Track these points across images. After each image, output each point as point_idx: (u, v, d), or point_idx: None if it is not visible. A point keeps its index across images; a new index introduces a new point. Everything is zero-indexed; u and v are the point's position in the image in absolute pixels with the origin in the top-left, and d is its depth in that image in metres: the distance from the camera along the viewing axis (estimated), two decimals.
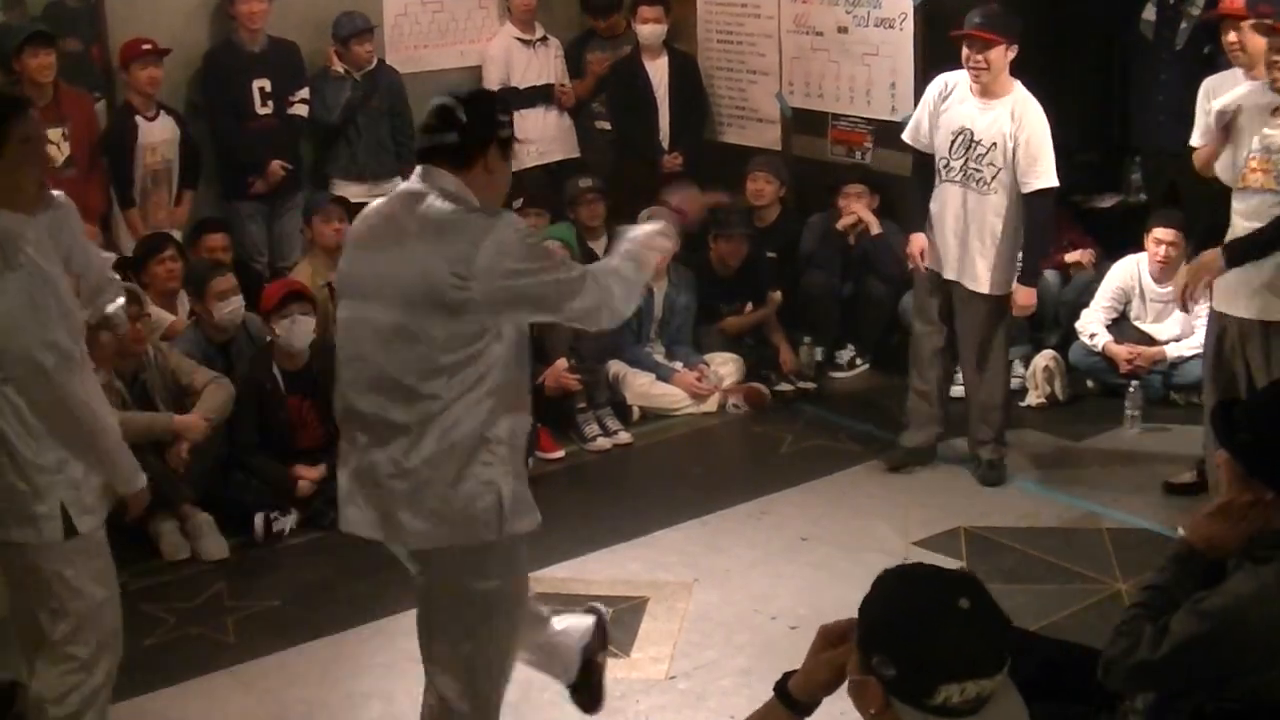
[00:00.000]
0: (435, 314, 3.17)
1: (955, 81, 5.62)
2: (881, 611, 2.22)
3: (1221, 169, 5.01)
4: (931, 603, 2.19)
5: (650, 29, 7.64)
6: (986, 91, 5.49)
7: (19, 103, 3.52)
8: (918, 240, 5.78)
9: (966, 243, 5.61)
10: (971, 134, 5.51)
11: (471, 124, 3.32)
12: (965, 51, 5.49)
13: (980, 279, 5.62)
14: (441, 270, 3.15)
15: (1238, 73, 5.16)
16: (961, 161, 5.55)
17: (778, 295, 7.13)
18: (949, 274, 5.70)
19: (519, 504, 3.33)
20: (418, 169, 3.35)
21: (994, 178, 5.51)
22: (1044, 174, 5.48)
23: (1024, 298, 5.64)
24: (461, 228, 3.19)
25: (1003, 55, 5.43)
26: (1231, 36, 5.12)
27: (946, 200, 5.64)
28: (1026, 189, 5.48)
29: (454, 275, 3.14)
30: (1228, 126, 4.90)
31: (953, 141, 5.56)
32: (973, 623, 2.16)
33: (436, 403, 3.21)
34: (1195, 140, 5.33)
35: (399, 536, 3.37)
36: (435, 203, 3.25)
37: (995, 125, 5.47)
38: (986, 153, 5.49)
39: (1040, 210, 5.54)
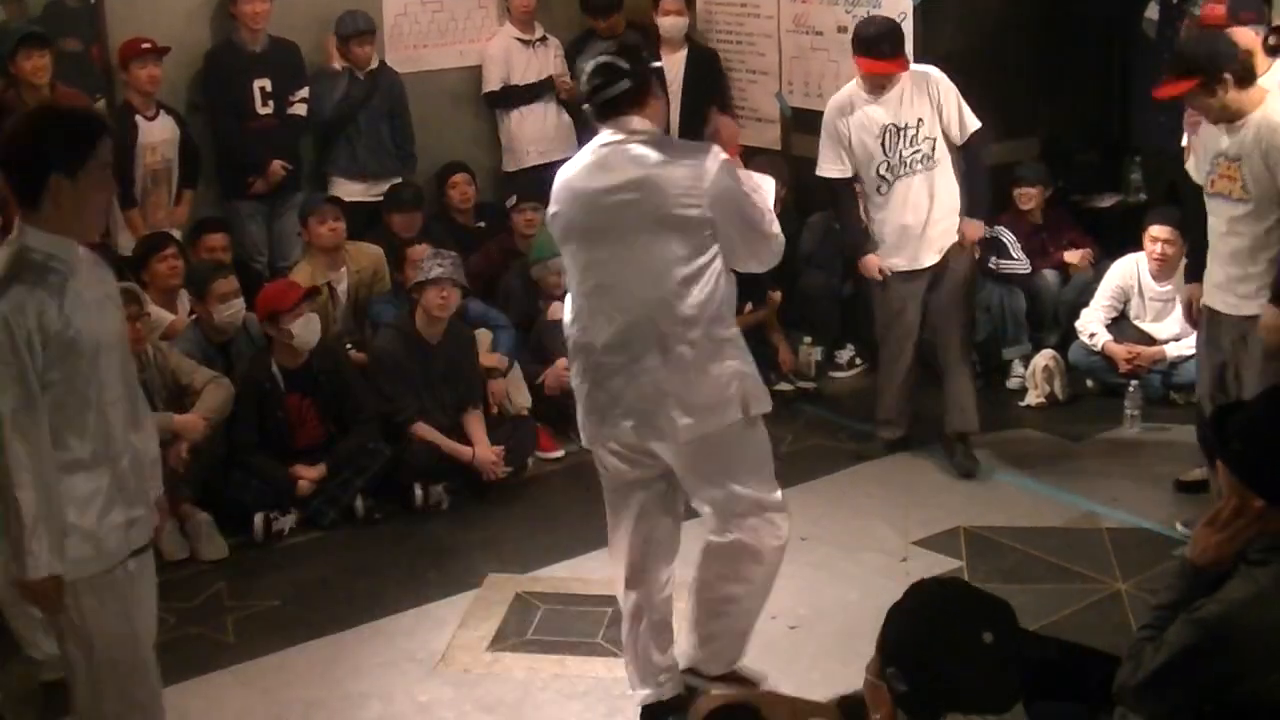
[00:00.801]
0: (674, 235, 3.70)
1: (847, 96, 5.81)
2: (906, 625, 2.21)
3: (1193, 169, 5.13)
4: (956, 631, 2.17)
5: (672, 21, 7.63)
6: (886, 89, 5.69)
7: (105, 124, 3.37)
8: (873, 262, 5.89)
9: (934, 222, 5.78)
10: (895, 124, 5.69)
11: (635, 68, 3.78)
12: (868, 79, 5.69)
13: (948, 245, 5.84)
14: (676, 195, 3.67)
15: None
16: (898, 154, 5.71)
17: (777, 295, 7.13)
18: (929, 262, 5.84)
19: (758, 388, 3.92)
20: (606, 125, 3.80)
21: (934, 149, 5.71)
22: (969, 118, 5.75)
23: (971, 230, 5.85)
24: (682, 158, 3.73)
25: (902, 68, 5.71)
26: None
27: (902, 195, 5.76)
28: (962, 138, 5.73)
29: (688, 196, 3.67)
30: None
31: (883, 142, 5.70)
32: (993, 659, 2.14)
33: (683, 312, 3.73)
34: (1186, 141, 5.37)
35: (664, 435, 3.83)
36: (643, 146, 3.74)
37: (910, 104, 5.68)
38: (918, 130, 5.68)
39: (979, 148, 5.82)
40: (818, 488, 5.86)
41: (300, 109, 7.14)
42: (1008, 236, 6.97)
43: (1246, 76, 4.72)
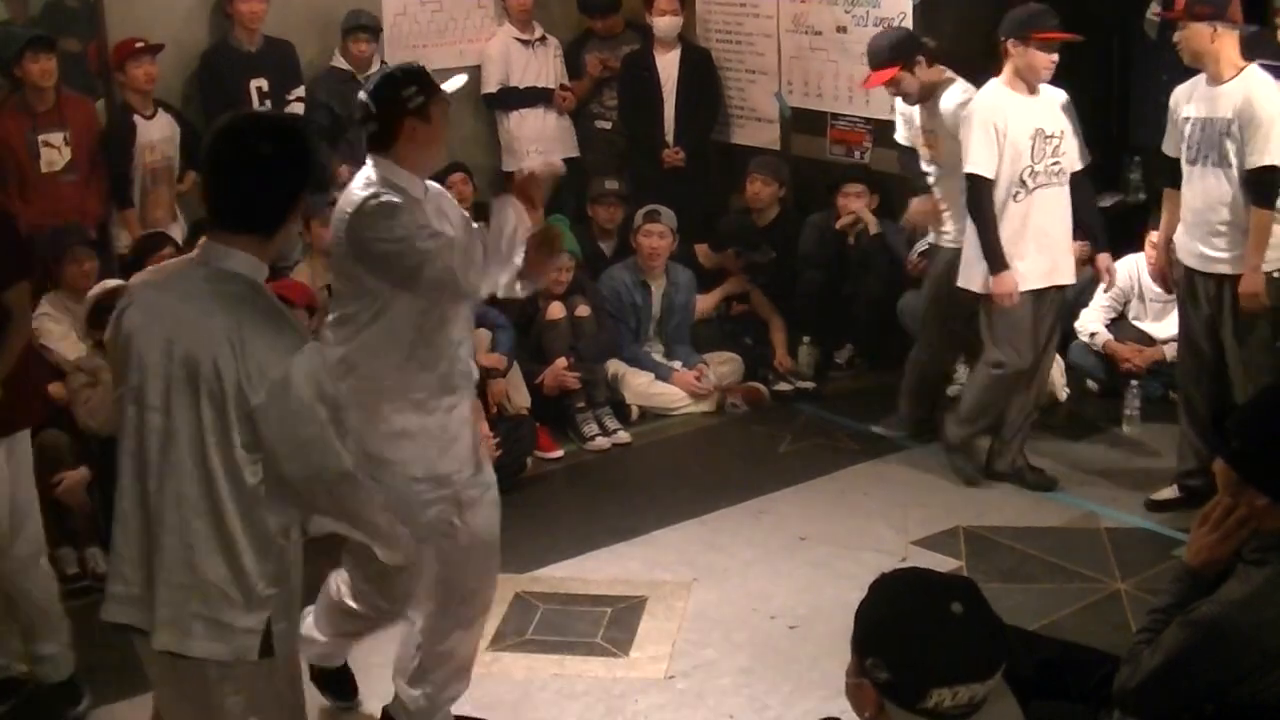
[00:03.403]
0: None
1: (1000, 90, 5.54)
2: (875, 615, 2.24)
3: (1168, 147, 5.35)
4: (924, 607, 2.20)
5: (667, 21, 7.62)
6: (1214, 79, 5.16)
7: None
8: (1013, 281, 5.50)
9: (1066, 239, 5.69)
10: (1044, 130, 5.49)
11: (382, 111, 3.68)
12: (1041, 71, 5.49)
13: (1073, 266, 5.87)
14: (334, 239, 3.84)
15: (1203, 76, 5.17)
16: (1043, 161, 5.48)
17: (740, 279, 7.22)
18: (1063, 280, 5.70)
19: None
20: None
21: (1068, 165, 5.55)
22: (1085, 152, 5.69)
23: (1105, 261, 5.91)
24: (346, 203, 3.75)
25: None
26: (1176, 35, 5.17)
27: (1038, 205, 5.53)
28: (1079, 165, 5.63)
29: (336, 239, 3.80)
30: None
31: (1032, 146, 5.47)
32: (965, 627, 2.17)
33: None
34: (1165, 148, 5.34)
35: None
36: (360, 188, 3.69)
37: (1055, 113, 5.52)
38: (1061, 141, 5.50)
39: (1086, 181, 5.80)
40: (817, 488, 5.86)
41: (296, 108, 7.14)
42: None
43: (929, 56, 5.79)
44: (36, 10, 6.68)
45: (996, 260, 5.46)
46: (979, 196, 5.48)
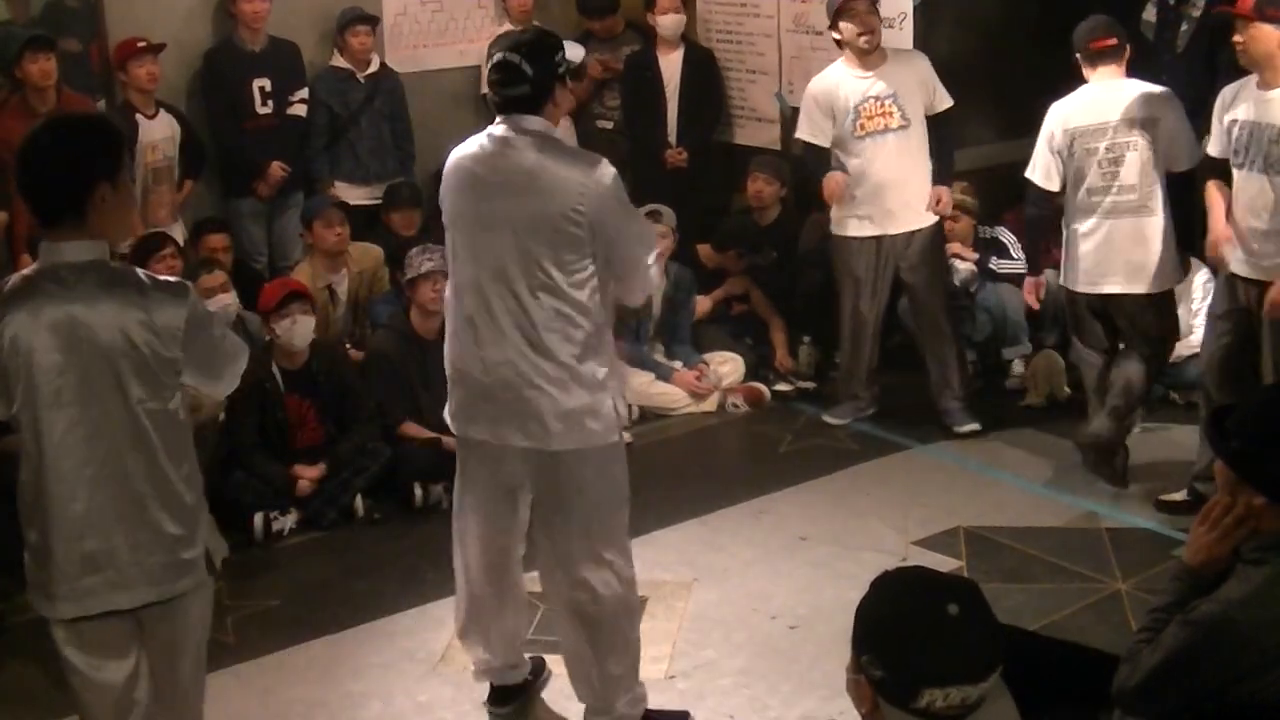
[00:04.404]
0: (549, 237, 3.74)
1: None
2: (873, 613, 2.25)
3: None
4: (919, 607, 2.21)
5: (671, 19, 7.62)
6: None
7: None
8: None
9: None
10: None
11: (538, 74, 3.72)
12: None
13: None
14: (559, 199, 3.69)
15: (1252, 79, 5.11)
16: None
17: (741, 280, 7.22)
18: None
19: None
20: (501, 118, 3.81)
21: None
22: None
23: None
24: (571, 163, 3.75)
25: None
26: (1237, 36, 5.11)
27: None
28: None
29: (572, 202, 3.67)
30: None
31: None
32: (959, 629, 2.17)
33: (544, 319, 3.80)
34: (1212, 149, 5.26)
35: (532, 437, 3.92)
36: (530, 146, 3.73)
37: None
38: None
39: None
40: (817, 487, 5.86)
41: (300, 109, 7.15)
42: (1008, 236, 6.98)
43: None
44: (37, 10, 6.68)
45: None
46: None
